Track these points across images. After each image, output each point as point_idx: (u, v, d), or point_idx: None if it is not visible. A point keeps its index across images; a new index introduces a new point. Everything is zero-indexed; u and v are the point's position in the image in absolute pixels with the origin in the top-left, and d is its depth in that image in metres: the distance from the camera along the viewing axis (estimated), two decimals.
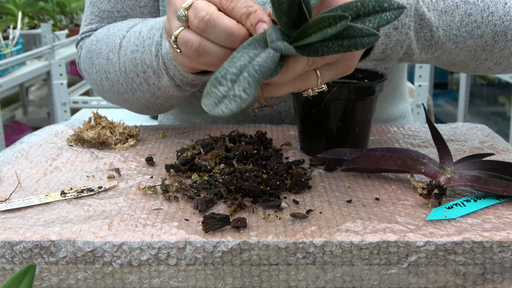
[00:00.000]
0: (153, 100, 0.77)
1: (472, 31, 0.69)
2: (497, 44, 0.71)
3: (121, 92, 0.79)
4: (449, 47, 0.69)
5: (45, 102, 3.54)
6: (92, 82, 0.85)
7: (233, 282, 0.48)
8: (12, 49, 2.31)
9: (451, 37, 0.69)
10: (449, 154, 0.60)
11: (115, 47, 0.77)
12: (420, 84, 1.86)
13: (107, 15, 0.86)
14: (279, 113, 0.86)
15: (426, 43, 0.68)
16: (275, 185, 0.57)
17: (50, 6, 2.97)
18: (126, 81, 0.76)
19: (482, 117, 3.82)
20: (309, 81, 0.54)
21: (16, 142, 0.76)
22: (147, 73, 0.73)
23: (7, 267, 0.48)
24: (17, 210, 0.55)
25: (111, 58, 0.77)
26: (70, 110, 2.06)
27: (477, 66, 0.74)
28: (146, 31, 0.73)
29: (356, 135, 0.68)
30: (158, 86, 0.73)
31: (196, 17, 0.53)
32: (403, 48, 0.67)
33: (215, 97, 0.44)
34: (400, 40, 0.66)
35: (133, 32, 0.75)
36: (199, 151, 0.66)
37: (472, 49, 0.71)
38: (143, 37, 0.73)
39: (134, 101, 0.79)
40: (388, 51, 0.67)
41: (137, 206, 0.55)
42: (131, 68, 0.74)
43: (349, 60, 0.57)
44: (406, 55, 0.69)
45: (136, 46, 0.73)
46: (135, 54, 0.73)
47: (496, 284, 0.48)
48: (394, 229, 0.48)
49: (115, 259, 0.48)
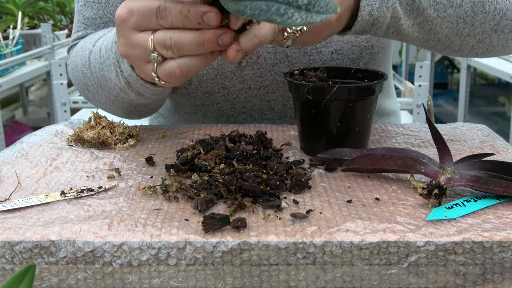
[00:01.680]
0: (132, 108, 0.79)
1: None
2: (477, 16, 0.72)
3: (102, 102, 0.81)
4: (430, 14, 0.70)
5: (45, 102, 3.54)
6: (80, 91, 0.87)
7: (233, 282, 0.48)
8: (12, 49, 2.31)
9: (431, 3, 0.70)
10: (449, 154, 0.60)
11: (86, 62, 0.79)
12: (420, 84, 1.86)
13: (91, 22, 0.87)
14: (268, 102, 0.87)
15: (408, 7, 0.69)
16: (275, 185, 0.57)
17: (50, 6, 2.97)
18: (104, 94, 0.78)
19: (482, 117, 3.82)
20: None
21: (16, 142, 0.76)
22: (117, 89, 0.74)
23: (7, 267, 0.48)
24: (17, 210, 0.55)
25: (86, 73, 0.79)
26: (70, 110, 2.06)
27: (461, 43, 0.75)
28: (104, 49, 0.74)
29: (356, 135, 0.68)
30: (131, 98, 0.74)
31: (165, 47, 0.56)
32: (389, 10, 0.67)
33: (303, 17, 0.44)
34: (384, 0, 0.67)
35: (96, 48, 0.76)
36: (199, 151, 0.66)
37: (454, 20, 0.72)
38: (103, 56, 0.74)
39: (116, 109, 0.81)
40: (375, 13, 0.67)
41: (137, 206, 0.55)
42: (104, 83, 0.76)
43: None
44: (393, 20, 0.69)
45: (100, 65, 0.75)
46: (102, 72, 0.75)
47: (496, 284, 0.48)
48: (394, 229, 0.48)
49: (115, 259, 0.48)
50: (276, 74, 0.84)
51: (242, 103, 0.87)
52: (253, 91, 0.86)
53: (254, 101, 0.87)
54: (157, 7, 0.55)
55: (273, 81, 0.85)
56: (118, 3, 0.86)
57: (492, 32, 0.75)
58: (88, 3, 0.86)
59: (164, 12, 0.55)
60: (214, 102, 0.87)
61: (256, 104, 0.87)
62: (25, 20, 2.71)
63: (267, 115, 0.88)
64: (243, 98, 0.87)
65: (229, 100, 0.87)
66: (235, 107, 0.88)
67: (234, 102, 0.87)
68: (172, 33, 0.56)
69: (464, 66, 2.73)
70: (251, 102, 0.87)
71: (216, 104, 0.88)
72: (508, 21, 0.75)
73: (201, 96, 0.87)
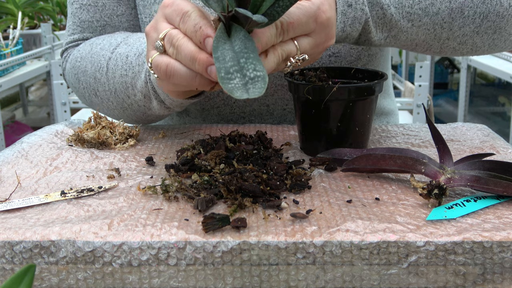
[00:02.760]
0: (144, 117, 0.80)
1: (426, 8, 0.71)
2: (455, 22, 0.72)
3: (111, 108, 0.82)
4: (404, 25, 0.71)
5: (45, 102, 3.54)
6: (80, 95, 0.87)
7: (233, 282, 0.48)
8: (12, 49, 2.31)
9: (404, 15, 0.70)
10: (449, 154, 0.60)
11: (102, 68, 0.79)
12: (420, 84, 1.86)
13: (88, 25, 0.87)
14: (267, 106, 0.87)
15: (379, 21, 0.70)
16: (275, 185, 0.57)
17: (50, 6, 2.97)
18: (117, 100, 0.79)
19: (482, 117, 3.82)
20: (288, 48, 0.60)
21: (16, 142, 0.77)
22: (138, 96, 0.75)
23: (7, 267, 0.48)
24: (17, 210, 0.55)
25: (99, 78, 0.80)
26: (70, 110, 2.06)
27: (441, 46, 0.75)
28: (133, 55, 0.76)
29: (356, 135, 0.68)
30: (149, 107, 0.76)
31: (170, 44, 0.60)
32: (361, 24, 0.69)
33: (239, 87, 0.47)
34: (357, 17, 0.68)
35: (119, 55, 0.78)
36: (199, 151, 0.66)
37: (431, 28, 0.72)
38: (131, 63, 0.75)
39: (125, 116, 0.82)
40: (347, 29, 0.69)
41: (137, 206, 0.55)
42: (122, 90, 0.77)
43: (326, 28, 0.62)
44: (364, 32, 0.70)
45: (125, 71, 0.76)
46: (124, 78, 0.76)
47: (496, 284, 0.48)
48: (394, 229, 0.48)
49: (115, 259, 0.48)
50: (274, 77, 0.84)
51: (241, 108, 0.87)
52: None
53: (253, 105, 0.87)
54: (185, 12, 0.59)
55: (272, 84, 0.85)
56: (115, 7, 0.86)
57: (474, 34, 0.74)
58: (84, 6, 0.87)
59: (186, 18, 0.59)
60: (214, 106, 0.88)
61: (255, 109, 0.87)
62: (25, 20, 2.71)
63: (267, 120, 0.88)
64: (242, 102, 0.87)
65: (229, 104, 0.87)
66: (234, 111, 0.88)
67: (234, 106, 0.87)
68: (181, 37, 0.59)
69: (464, 66, 2.73)
70: (250, 106, 0.87)
71: (216, 108, 0.88)
72: (490, 23, 0.74)
73: (201, 100, 0.87)
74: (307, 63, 0.65)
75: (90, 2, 0.86)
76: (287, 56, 0.60)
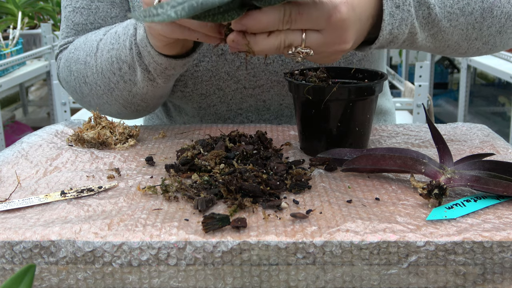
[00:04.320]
0: (130, 98, 0.79)
1: (463, 8, 0.71)
2: (486, 21, 0.73)
3: (99, 94, 0.81)
4: (444, 25, 0.71)
5: (45, 102, 3.54)
6: (72, 90, 0.87)
7: (233, 282, 0.48)
8: (12, 49, 2.31)
9: (445, 15, 0.70)
10: (449, 154, 0.60)
11: (92, 50, 0.80)
12: (420, 84, 1.86)
13: (82, 28, 0.88)
14: (263, 101, 0.87)
15: (424, 21, 0.70)
16: (275, 185, 0.57)
17: (50, 6, 2.97)
18: (104, 82, 0.79)
19: (482, 117, 3.82)
20: (293, 37, 0.59)
21: (16, 142, 0.76)
22: (123, 69, 0.75)
23: (7, 267, 0.48)
24: (17, 210, 0.55)
25: (88, 62, 0.80)
26: (70, 110, 2.06)
27: (468, 47, 0.76)
28: (121, 28, 0.76)
29: (356, 135, 0.68)
30: (134, 81, 0.76)
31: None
32: (408, 26, 0.68)
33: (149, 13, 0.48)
34: (404, 18, 0.67)
35: (109, 34, 0.79)
36: (199, 151, 0.66)
37: (464, 28, 0.73)
38: (119, 35, 0.76)
39: (113, 101, 0.81)
40: (395, 31, 0.68)
41: (137, 206, 0.54)
42: (108, 68, 0.77)
43: (338, 30, 0.60)
44: (410, 35, 0.70)
45: (112, 45, 0.76)
46: (111, 53, 0.76)
47: (496, 284, 0.48)
48: (394, 229, 0.48)
49: (115, 259, 0.48)
50: (270, 73, 0.84)
51: (238, 104, 0.87)
52: (248, 91, 0.86)
53: (249, 101, 0.87)
54: None
55: (267, 80, 0.85)
56: (109, 9, 0.87)
57: (497, 34, 0.76)
58: (77, 9, 0.87)
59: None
60: (211, 105, 0.88)
61: (252, 105, 0.87)
62: (25, 20, 2.71)
63: (264, 115, 0.88)
64: (239, 98, 0.87)
65: (225, 101, 0.87)
66: (231, 108, 0.88)
67: (230, 103, 0.87)
68: None
69: (464, 66, 2.73)
70: (247, 102, 0.87)
71: (213, 106, 0.88)
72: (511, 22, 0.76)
73: (197, 98, 0.87)
74: (316, 61, 0.64)
75: (84, 5, 0.86)
76: (289, 44, 0.60)
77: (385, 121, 0.99)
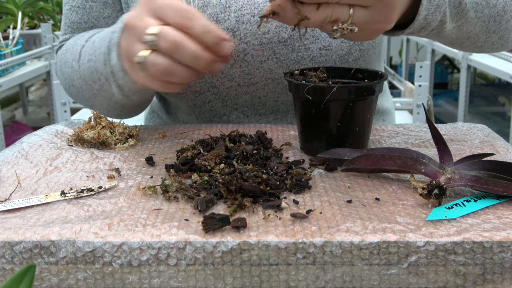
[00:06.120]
0: (112, 105, 0.80)
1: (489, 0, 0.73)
2: (506, 15, 0.75)
3: (85, 97, 0.83)
4: (470, 15, 0.72)
5: (45, 102, 3.54)
6: (65, 88, 0.89)
7: (233, 282, 0.48)
8: (12, 49, 2.31)
9: (473, 5, 0.71)
10: (449, 154, 0.60)
11: (76, 56, 0.81)
12: (420, 84, 1.86)
13: (77, 26, 0.89)
14: (258, 98, 0.87)
15: (454, 10, 0.70)
16: (275, 185, 0.57)
17: (50, 6, 2.97)
18: (87, 88, 0.80)
19: (482, 117, 3.82)
20: (340, 12, 0.59)
21: (16, 142, 0.76)
22: (101, 80, 0.76)
23: (7, 267, 0.48)
24: (17, 210, 0.55)
25: (74, 67, 0.81)
26: (70, 110, 2.06)
27: (485, 40, 0.77)
28: (98, 40, 0.77)
29: (356, 135, 0.68)
30: (111, 92, 0.77)
31: (166, 41, 0.59)
32: (441, 14, 0.68)
33: None
34: (439, 5, 0.67)
35: (90, 42, 0.79)
36: (199, 151, 0.66)
37: (486, 20, 0.74)
38: (95, 47, 0.76)
39: (98, 105, 0.82)
40: (429, 17, 0.68)
41: (137, 206, 0.54)
42: (89, 76, 0.78)
43: (386, 7, 0.60)
44: (440, 23, 0.70)
45: (90, 56, 0.77)
46: (90, 63, 0.77)
47: (496, 284, 0.48)
48: (394, 229, 0.48)
49: (115, 259, 0.48)
50: (264, 71, 0.84)
51: (233, 100, 0.87)
52: (243, 88, 0.86)
53: (245, 98, 0.87)
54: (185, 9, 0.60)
55: (262, 78, 0.85)
56: (101, 9, 0.88)
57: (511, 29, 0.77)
58: (74, 8, 0.89)
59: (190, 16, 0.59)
60: (206, 101, 0.88)
61: (247, 100, 0.87)
62: (25, 20, 2.71)
63: (260, 110, 0.88)
64: (234, 95, 0.87)
65: (220, 98, 0.87)
66: (226, 104, 0.88)
67: (225, 99, 0.87)
68: (181, 35, 0.59)
69: (464, 66, 2.73)
70: (242, 98, 0.87)
71: (208, 103, 0.88)
72: None
73: (191, 96, 0.87)
74: (357, 39, 0.64)
75: (79, 4, 0.88)
76: (336, 19, 0.59)
77: (384, 121, 0.99)
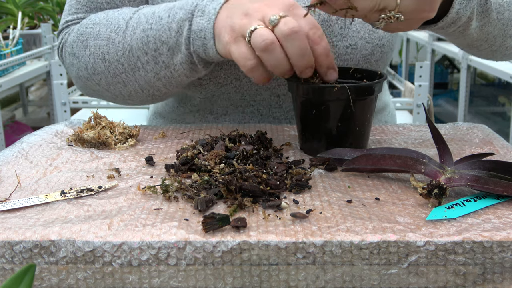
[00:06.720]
0: (153, 81, 0.78)
1: (510, 2, 0.74)
2: None
3: (117, 73, 0.80)
4: (493, 16, 0.73)
5: (45, 102, 3.54)
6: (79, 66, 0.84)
7: (233, 282, 0.48)
8: (12, 49, 2.31)
9: (496, 6, 0.72)
10: (449, 154, 0.60)
11: (119, 28, 0.78)
12: (420, 84, 1.86)
13: (96, 6, 0.86)
14: (277, 96, 0.87)
15: (480, 9, 0.71)
16: (275, 185, 0.57)
17: (50, 6, 2.97)
18: (129, 60, 0.78)
19: (482, 117, 3.82)
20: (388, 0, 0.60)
21: (16, 142, 0.76)
22: (159, 50, 0.75)
23: (7, 267, 0.48)
24: (17, 210, 0.55)
25: (113, 38, 0.79)
26: (70, 110, 2.06)
27: (501, 43, 0.78)
28: (162, 11, 0.76)
29: (356, 135, 0.68)
30: (167, 64, 0.75)
31: (286, 24, 0.62)
32: (469, 10, 0.69)
33: None
34: (469, 1, 0.68)
35: (143, 14, 0.78)
36: (199, 151, 0.66)
37: (505, 23, 0.75)
38: (160, 16, 0.75)
39: (131, 81, 0.80)
40: (461, 12, 0.68)
41: (137, 206, 0.54)
42: (140, 46, 0.76)
43: None
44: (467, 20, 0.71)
45: (149, 25, 0.75)
46: (147, 32, 0.75)
47: (496, 284, 0.48)
48: (394, 229, 0.48)
49: (115, 259, 0.48)
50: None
51: (252, 96, 0.87)
52: None
53: (264, 95, 0.86)
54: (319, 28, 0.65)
55: None
56: None
57: None
58: None
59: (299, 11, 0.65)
60: (225, 93, 0.87)
61: (266, 98, 0.87)
62: (25, 20, 2.71)
63: (275, 112, 0.88)
64: (254, 90, 0.86)
65: (240, 92, 0.87)
66: (244, 98, 0.87)
67: (245, 94, 0.87)
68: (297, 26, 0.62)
69: (464, 66, 2.73)
70: (261, 95, 0.87)
71: (227, 94, 0.87)
72: None
73: (213, 87, 0.86)
74: (399, 29, 0.64)
75: None
76: (383, 7, 0.60)
77: (383, 117, 0.99)
